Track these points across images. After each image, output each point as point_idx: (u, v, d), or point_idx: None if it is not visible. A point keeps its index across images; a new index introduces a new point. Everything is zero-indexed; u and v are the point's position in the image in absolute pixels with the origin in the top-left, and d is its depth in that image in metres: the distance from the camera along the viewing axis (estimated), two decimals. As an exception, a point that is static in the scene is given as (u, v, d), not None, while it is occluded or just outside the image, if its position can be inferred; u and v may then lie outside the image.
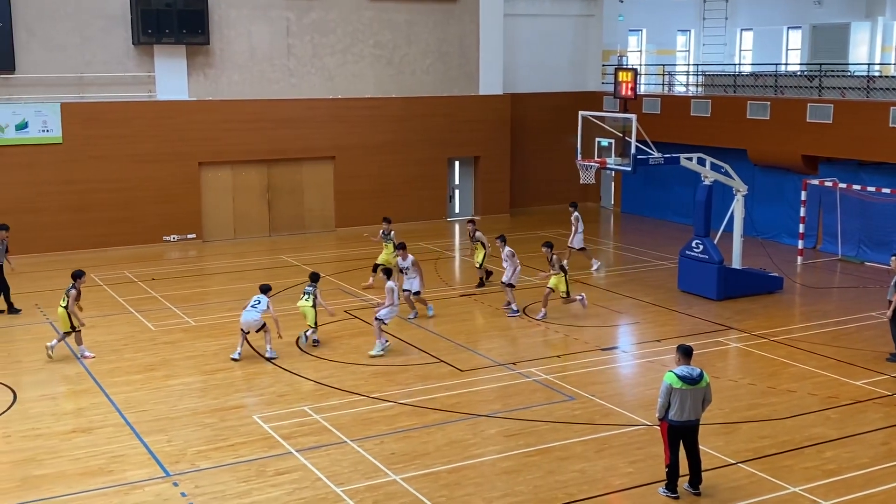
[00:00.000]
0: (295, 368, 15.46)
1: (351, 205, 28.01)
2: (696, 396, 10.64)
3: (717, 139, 26.22)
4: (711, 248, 19.88)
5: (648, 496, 10.95)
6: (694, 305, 19.41)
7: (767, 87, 26.63)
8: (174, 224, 25.85)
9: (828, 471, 11.54)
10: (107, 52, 24.74)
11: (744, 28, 34.35)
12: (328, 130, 27.45)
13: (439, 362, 15.77)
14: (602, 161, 20.10)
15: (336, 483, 11.22)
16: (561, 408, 13.68)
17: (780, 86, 26.37)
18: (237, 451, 12.20)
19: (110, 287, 20.91)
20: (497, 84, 29.84)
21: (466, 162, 30.29)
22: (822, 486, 11.13)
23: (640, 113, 23.48)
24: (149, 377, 15.10)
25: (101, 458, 11.98)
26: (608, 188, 32.30)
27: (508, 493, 11.02)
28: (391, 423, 13.09)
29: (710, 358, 15.86)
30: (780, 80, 26.65)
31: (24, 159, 23.95)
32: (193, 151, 25.84)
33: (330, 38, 27.35)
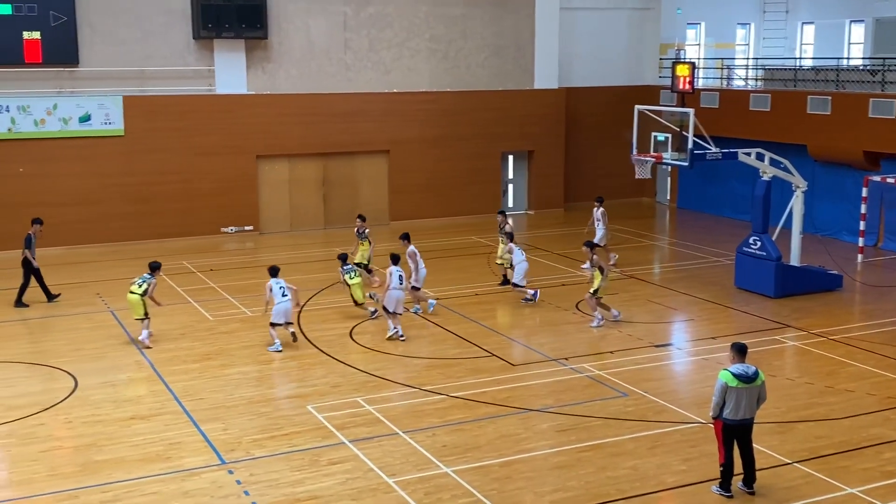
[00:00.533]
0: (349, 360, 15.60)
1: (405, 198, 28.14)
2: (751, 395, 10.53)
3: (777, 134, 25.80)
4: (769, 245, 19.60)
5: (701, 494, 10.86)
6: (751, 303, 19.15)
7: (829, 82, 26.12)
8: (232, 216, 26.24)
9: (887, 472, 11.33)
10: (167, 46, 25.17)
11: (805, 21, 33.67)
12: (383, 124, 27.60)
13: (491, 356, 15.79)
14: (658, 156, 19.92)
15: (388, 474, 11.32)
16: (613, 404, 13.62)
17: (841, 80, 25.85)
18: (291, 440, 12.36)
19: (169, 277, 21.27)
20: (552, 78, 29.71)
21: (520, 156, 30.22)
22: (881, 487, 10.93)
23: (697, 107, 23.19)
24: (206, 366, 15.37)
25: (159, 445, 12.23)
26: (664, 183, 31.97)
27: (559, 488, 11.01)
28: (443, 416, 13.15)
29: (767, 356, 15.65)
30: (842, 75, 26.11)
31: (86, 151, 24.50)
32: (251, 145, 26.18)
33: (386, 32, 27.48)
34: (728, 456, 10.69)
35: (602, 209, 22.48)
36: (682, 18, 32.13)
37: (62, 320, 18.10)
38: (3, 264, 22.38)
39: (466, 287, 20.41)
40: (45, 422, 13.05)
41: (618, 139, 29.22)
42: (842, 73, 26.29)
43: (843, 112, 24.42)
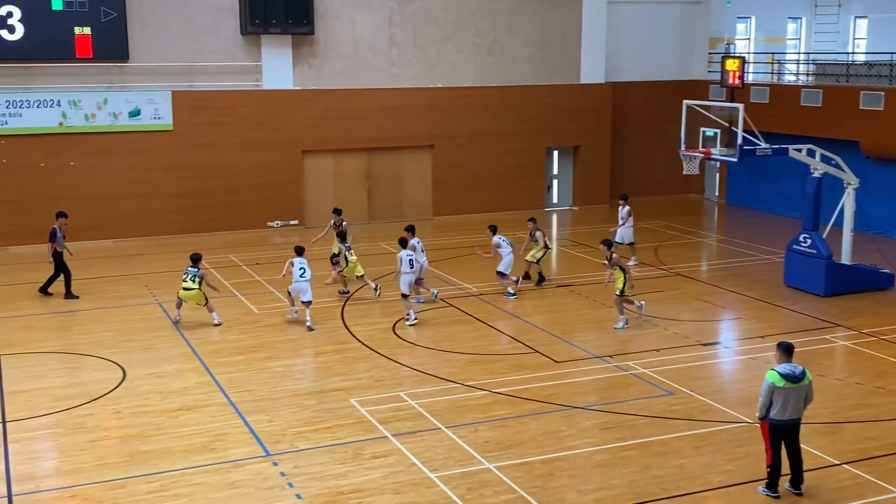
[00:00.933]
0: (392, 354, 15.64)
1: (449, 193, 28.13)
2: (798, 395, 10.36)
3: (828, 130, 25.34)
4: (820, 243, 19.26)
5: (748, 494, 10.71)
6: (800, 301, 18.85)
7: (882, 77, 25.58)
8: (277, 210, 26.45)
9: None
10: (216, 41, 25.42)
11: (858, 16, 33.02)
12: (427, 119, 27.61)
13: (534, 353, 15.72)
14: (707, 151, 19.68)
15: (430, 469, 11.32)
16: (659, 402, 13.48)
17: (895, 75, 25.30)
18: (335, 433, 12.42)
19: (216, 270, 21.50)
20: (599, 72, 29.49)
21: (565, 152, 30.04)
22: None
23: (747, 102, 22.85)
24: (251, 358, 15.51)
25: (205, 436, 12.36)
26: (712, 179, 31.59)
27: (603, 486, 10.93)
28: (485, 412, 13.12)
29: (817, 356, 15.39)
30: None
31: (136, 146, 24.84)
32: (297, 140, 26.35)
33: (431, 27, 27.47)
34: (775, 456, 10.54)
35: (628, 207, 21.88)
36: (731, 12, 31.71)
37: (111, 312, 18.37)
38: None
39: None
40: (94, 412, 13.26)
41: (665, 134, 28.94)
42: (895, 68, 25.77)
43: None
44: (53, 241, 19.06)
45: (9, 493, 10.83)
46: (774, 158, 20.66)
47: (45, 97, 23.92)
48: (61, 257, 19.20)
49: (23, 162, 23.93)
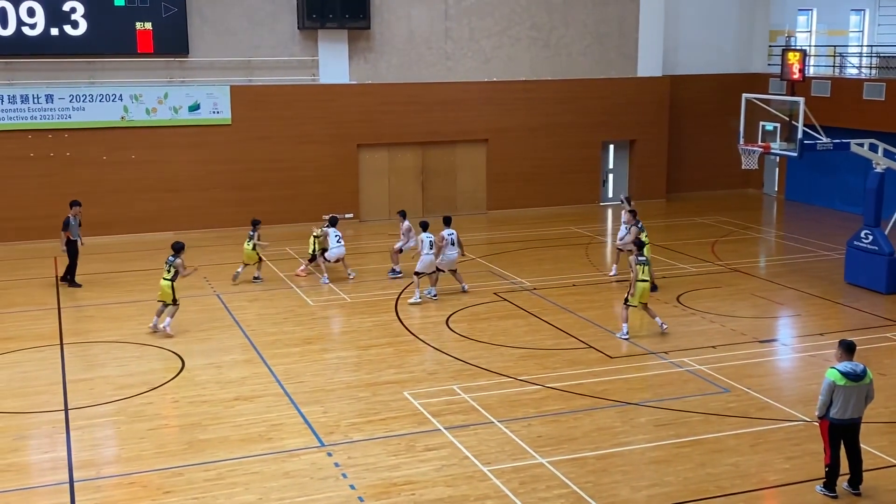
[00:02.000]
0: (445, 348, 15.69)
1: (503, 187, 28.09)
2: (859, 394, 10.18)
3: (892, 125, 24.74)
4: (882, 239, 18.86)
5: (805, 494, 10.55)
6: (861, 299, 18.48)
7: (949, 69, 24.93)
8: (333, 203, 26.58)
9: None
10: (273, 36, 25.69)
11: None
12: (482, 113, 27.59)
13: (588, 348, 15.65)
14: (766, 146, 19.38)
15: (483, 462, 11.35)
16: (714, 399, 13.33)
17: (963, 67, 24.64)
18: (388, 425, 12.51)
19: (273, 263, 21.77)
20: (656, 65, 29.17)
21: (621, 145, 29.80)
22: None
23: (808, 96, 22.41)
24: (306, 350, 15.68)
25: (261, 426, 12.54)
26: (772, 174, 31.07)
27: (657, 483, 10.86)
28: (538, 407, 13.11)
29: (878, 354, 15.08)
30: (964, 62, 24.89)
31: (195, 139, 25.23)
32: (352, 133, 26.53)
33: (487, 20, 27.42)
34: (834, 456, 10.37)
35: (632, 208, 19.89)
36: (792, 4, 31.10)
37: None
38: (119, 248, 23.33)
39: (564, 277, 20.26)
40: (153, 401, 13.53)
41: (723, 128, 28.53)
42: (963, 59, 25.07)
43: (964, 101, 23.28)
44: (66, 230, 19.52)
45: (70, 480, 11.11)
46: (835, 153, 20.26)
47: (108, 91, 24.41)
48: (74, 246, 19.64)
49: (86, 155, 24.44)
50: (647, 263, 16.38)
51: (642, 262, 16.29)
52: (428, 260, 18.31)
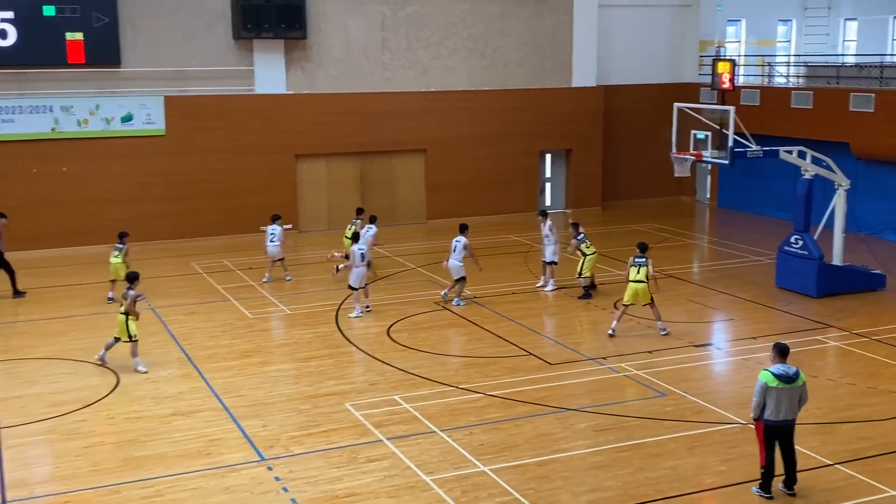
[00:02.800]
0: (386, 358, 15.66)
1: (442, 197, 28.18)
2: (792, 396, 10.41)
3: (819, 132, 25.45)
4: (811, 244, 19.35)
5: (741, 495, 10.76)
6: (792, 303, 18.93)
7: (872, 79, 25.72)
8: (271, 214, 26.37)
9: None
10: (208, 46, 25.44)
11: (847, 18, 33.18)
12: (420, 123, 27.66)
13: (528, 355, 15.76)
14: (698, 154, 19.75)
15: (425, 472, 11.35)
16: (652, 404, 13.53)
17: (885, 77, 25.43)
18: (329, 437, 12.44)
19: (210, 275, 21.52)
20: (591, 76, 29.58)
21: (558, 154, 30.12)
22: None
23: (738, 105, 22.92)
24: (245, 363, 15.51)
25: (200, 441, 12.37)
26: (704, 182, 31.70)
27: (597, 488, 10.97)
28: (480, 415, 13.15)
29: (809, 356, 15.46)
30: (886, 72, 25.68)
31: (129, 151, 24.83)
32: (290, 144, 26.37)
33: (424, 31, 27.52)
34: (769, 457, 10.58)
35: (550, 222, 20.12)
36: (722, 15, 31.83)
37: (104, 318, 18.33)
38: (51, 262, 22.82)
39: (503, 286, 20.38)
40: (88, 418, 13.25)
41: (657, 137, 28.97)
42: (885, 69, 25.87)
43: (886, 109, 24.04)
44: None
45: (3, 500, 10.82)
46: (765, 160, 20.74)
47: (38, 103, 23.90)
48: (2, 257, 19.32)
49: (15, 168, 23.89)
50: (645, 264, 16.67)
51: (639, 263, 16.64)
52: (359, 273, 18.10)
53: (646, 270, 16.65)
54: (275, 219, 20.95)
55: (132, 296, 15.23)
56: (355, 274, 18.10)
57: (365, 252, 18.25)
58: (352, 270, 18.14)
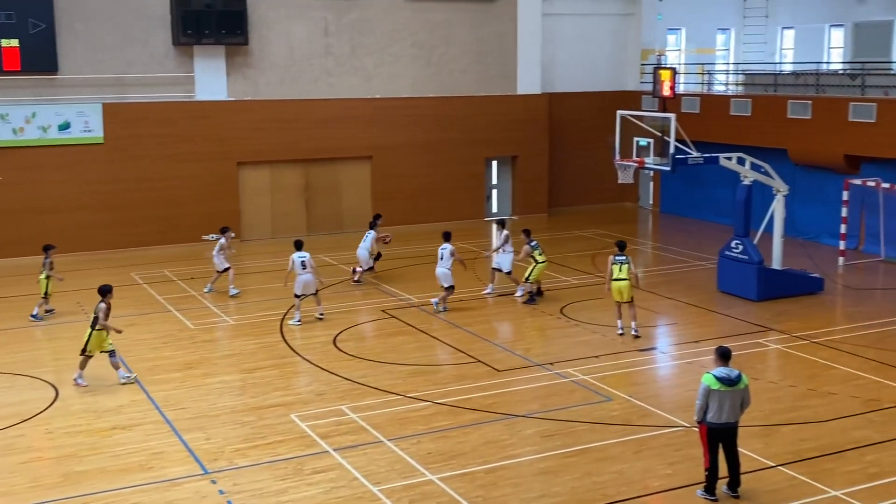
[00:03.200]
0: (332, 368, 15.52)
1: (388, 204, 28.01)
2: (734, 398, 10.53)
3: (758, 139, 25.92)
4: (751, 249, 19.67)
5: (687, 498, 10.85)
6: (733, 306, 19.21)
7: (809, 87, 26.27)
8: (213, 223, 25.93)
9: (870, 474, 11.36)
10: (147, 52, 25.05)
11: (784, 26, 33.88)
12: (366, 130, 27.55)
13: (476, 362, 15.75)
14: (640, 161, 19.95)
15: (373, 482, 11.25)
16: (599, 409, 13.60)
17: (821, 85, 26.01)
18: (275, 449, 12.27)
19: (150, 286, 21.15)
20: (535, 83, 29.77)
21: (504, 161, 30.24)
22: (865, 490, 10.95)
23: (679, 112, 23.25)
24: (188, 375, 15.25)
25: (141, 455, 12.12)
26: (647, 188, 32.07)
27: (545, 493, 10.98)
28: (428, 423, 13.10)
29: (750, 359, 15.69)
30: (822, 79, 26.28)
31: (66, 159, 24.32)
32: (232, 151, 26.07)
33: (368, 37, 27.44)
34: (713, 460, 10.69)
35: (506, 232, 20.16)
36: (662, 24, 32.27)
37: (43, 330, 17.93)
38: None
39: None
40: (25, 433, 12.91)
41: (601, 144, 29.23)
42: (822, 77, 26.47)
43: (823, 116, 24.57)
44: None
45: (-65, 520, 10.48)
46: (706, 167, 21.04)
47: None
48: None
49: (-52, 177, 23.28)
50: (627, 262, 16.96)
51: (620, 261, 16.93)
52: (304, 280, 17.94)
53: (628, 268, 16.98)
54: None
55: (103, 309, 14.70)
56: (300, 282, 17.93)
57: (306, 260, 18.03)
58: (297, 278, 17.97)
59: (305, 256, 18.11)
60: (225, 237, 20.47)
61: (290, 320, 18.02)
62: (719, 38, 34.26)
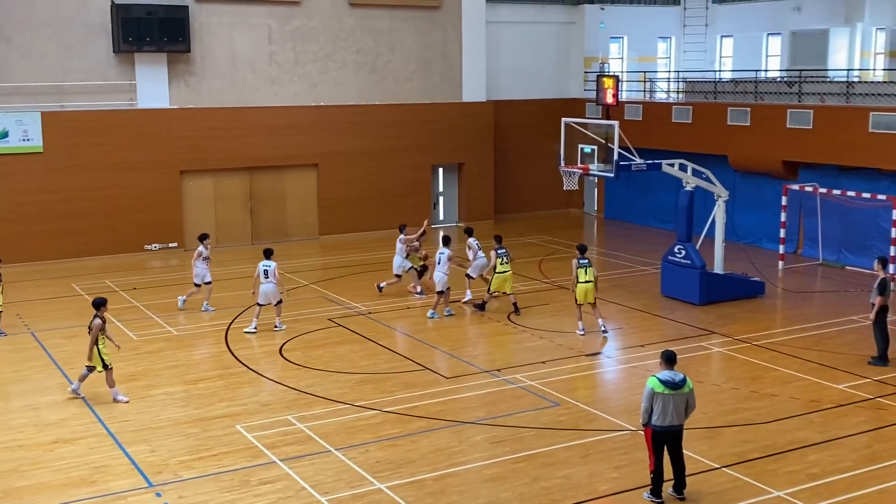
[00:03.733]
0: (279, 377, 15.40)
1: (335, 212, 27.98)
2: (678, 401, 10.66)
3: (699, 145, 26.35)
4: (694, 254, 19.96)
5: (633, 501, 10.96)
6: (677, 310, 19.48)
7: (748, 94, 26.79)
8: (156, 233, 25.74)
9: (811, 475, 11.59)
10: (87, 60, 24.64)
11: (724, 35, 34.53)
12: (311, 138, 27.42)
13: (424, 370, 15.75)
14: (585, 167, 20.15)
15: (321, 492, 11.17)
16: (546, 414, 13.69)
17: (760, 92, 26.54)
18: (220, 460, 12.13)
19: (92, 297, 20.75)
20: (480, 91, 29.91)
21: (450, 169, 30.31)
22: (806, 490, 11.17)
23: (622, 119, 23.51)
24: (131, 387, 14.99)
25: (84, 469, 11.89)
26: (591, 194, 32.40)
27: (493, 500, 11.01)
28: (376, 432, 13.05)
29: (694, 362, 15.92)
30: (760, 87, 26.82)
31: (4, 168, 23.80)
32: (175, 160, 25.74)
33: (312, 45, 27.33)
34: (658, 462, 10.81)
35: (475, 240, 20.32)
36: (605, 32, 32.69)
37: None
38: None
39: (398, 300, 20.34)
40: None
41: (546, 151, 29.54)
42: (760, 84, 27.00)
43: (761, 123, 25.07)
44: None
45: None
46: (649, 173, 21.33)
47: None
48: None
49: None
50: (590, 265, 17.50)
51: (584, 264, 17.42)
52: (264, 290, 17.78)
53: (593, 271, 17.50)
54: (202, 238, 19.49)
55: (97, 325, 14.16)
56: (261, 291, 17.78)
57: (270, 270, 17.71)
58: (260, 287, 17.82)
59: (270, 266, 17.80)
60: (204, 245, 19.37)
61: (247, 328, 17.80)
62: (660, 47, 34.79)
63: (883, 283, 15.70)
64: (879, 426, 13.15)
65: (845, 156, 23.14)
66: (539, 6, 31.76)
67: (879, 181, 22.98)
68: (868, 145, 22.35)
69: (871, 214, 22.82)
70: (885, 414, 13.59)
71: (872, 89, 23.95)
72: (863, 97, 23.66)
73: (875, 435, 12.86)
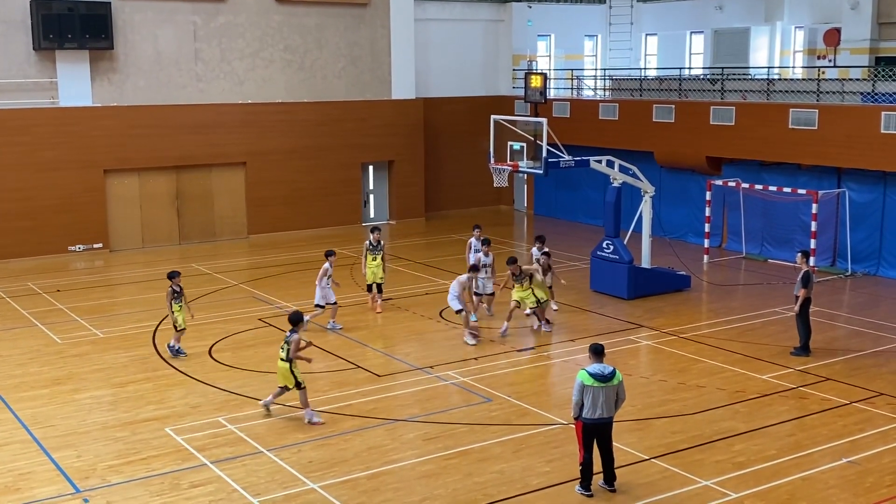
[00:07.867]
0: (208, 379, 15.19)
1: (264, 211, 27.69)
2: (608, 394, 10.80)
3: (625, 142, 26.76)
4: (621, 249, 20.26)
5: (565, 495, 11.09)
6: (606, 305, 19.75)
7: (672, 91, 27.29)
8: (79, 234, 25.14)
9: (737, 463, 11.88)
10: (6, 58, 23.96)
11: (648, 33, 35.12)
12: (238, 136, 27.08)
13: (356, 368, 15.70)
14: (514, 164, 20.29)
15: (253, 494, 11.06)
16: (478, 410, 13.76)
17: (683, 89, 27.06)
18: (150, 464, 11.92)
19: (13, 300, 20.22)
20: (410, 88, 29.89)
21: (381, 166, 30.25)
22: (733, 478, 11.44)
23: (550, 117, 23.79)
24: (56, 391, 14.65)
25: (7, 476, 11.58)
26: (521, 191, 32.65)
27: (427, 496, 11.04)
28: (308, 431, 12.97)
29: (623, 355, 16.17)
30: (684, 84, 27.35)
31: (-83, 169, 23.03)
32: (98, 159, 25.18)
33: (238, 42, 27.00)
34: (587, 455, 10.95)
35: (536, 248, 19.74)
36: (532, 30, 32.96)
37: None
38: None
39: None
40: None
41: (476, 148, 29.63)
42: (684, 82, 27.54)
43: (685, 119, 25.56)
44: None
45: None
46: (577, 170, 21.58)
47: None
48: None
49: None
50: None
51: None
52: None
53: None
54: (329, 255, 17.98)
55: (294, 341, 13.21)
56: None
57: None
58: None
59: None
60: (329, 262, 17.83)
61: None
62: (587, 45, 35.21)
63: (807, 276, 16.15)
64: (802, 415, 13.54)
65: (766, 151, 23.74)
66: (467, 4, 31.89)
67: (799, 176, 23.65)
68: (788, 141, 22.97)
69: (793, 209, 23.45)
70: (807, 403, 13.99)
71: (792, 86, 24.61)
72: (783, 94, 24.30)
73: (798, 423, 13.23)
